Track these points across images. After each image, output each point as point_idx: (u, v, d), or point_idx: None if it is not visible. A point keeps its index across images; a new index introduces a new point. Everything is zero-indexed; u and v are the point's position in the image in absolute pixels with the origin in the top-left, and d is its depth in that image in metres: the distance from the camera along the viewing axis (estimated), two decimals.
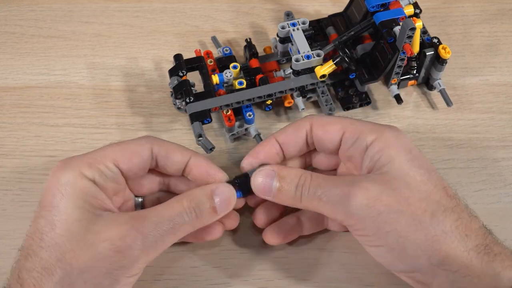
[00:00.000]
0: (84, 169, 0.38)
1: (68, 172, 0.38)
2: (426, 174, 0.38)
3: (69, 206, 0.37)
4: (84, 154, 0.40)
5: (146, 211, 0.38)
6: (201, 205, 0.39)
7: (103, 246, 0.36)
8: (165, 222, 0.37)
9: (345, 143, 0.41)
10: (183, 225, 0.38)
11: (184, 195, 0.39)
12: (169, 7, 0.61)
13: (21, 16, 0.60)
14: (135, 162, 0.40)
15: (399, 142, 0.40)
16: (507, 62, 0.56)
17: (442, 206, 0.37)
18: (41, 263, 0.36)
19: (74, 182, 0.38)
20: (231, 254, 0.45)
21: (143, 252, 0.37)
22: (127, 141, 0.41)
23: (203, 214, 0.39)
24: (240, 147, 0.51)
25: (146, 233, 0.37)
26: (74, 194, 0.37)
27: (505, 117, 0.53)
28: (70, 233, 0.36)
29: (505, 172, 0.49)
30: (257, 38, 0.58)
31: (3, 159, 0.51)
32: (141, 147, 0.41)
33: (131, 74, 0.56)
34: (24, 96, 0.55)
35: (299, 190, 0.39)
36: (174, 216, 0.38)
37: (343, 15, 0.55)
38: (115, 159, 0.39)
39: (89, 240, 0.36)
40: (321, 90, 0.50)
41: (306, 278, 0.45)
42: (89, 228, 0.36)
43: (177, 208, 0.38)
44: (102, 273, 0.36)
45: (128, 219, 0.37)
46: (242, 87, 0.50)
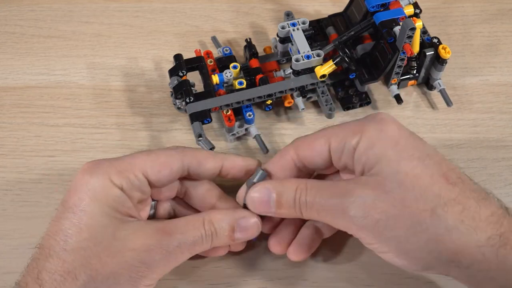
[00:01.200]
0: (114, 175, 0.38)
1: (97, 177, 0.38)
2: (419, 165, 0.36)
3: (97, 212, 0.37)
4: (114, 160, 0.40)
5: (171, 226, 0.39)
6: (220, 231, 0.40)
7: (129, 256, 0.36)
8: (188, 242, 0.38)
9: (334, 153, 0.40)
10: (201, 245, 0.39)
11: (207, 216, 0.40)
12: (169, 7, 0.61)
13: (21, 16, 0.60)
14: (164, 174, 0.40)
15: (383, 137, 0.37)
16: (507, 62, 0.56)
17: (442, 199, 0.35)
18: (64, 266, 0.36)
19: (103, 187, 0.38)
20: (231, 254, 0.45)
21: (164, 266, 0.38)
22: (158, 151, 0.41)
23: (219, 240, 0.40)
24: (240, 147, 0.51)
25: (170, 250, 0.38)
26: (103, 200, 0.37)
27: (505, 117, 0.53)
28: (97, 239, 0.36)
29: (505, 172, 0.49)
30: (257, 38, 0.58)
31: (3, 159, 0.51)
32: (172, 159, 0.40)
33: (131, 74, 0.56)
34: (24, 96, 0.55)
35: (297, 205, 0.39)
36: (196, 237, 0.39)
37: (343, 15, 0.55)
38: (144, 169, 0.39)
39: (116, 247, 0.36)
40: (321, 90, 0.50)
41: (306, 278, 0.44)
42: (115, 235, 0.37)
43: (199, 230, 0.39)
44: (125, 280, 0.36)
45: (154, 232, 0.38)
46: (242, 87, 0.50)
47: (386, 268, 0.45)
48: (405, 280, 0.44)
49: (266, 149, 0.50)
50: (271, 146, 0.51)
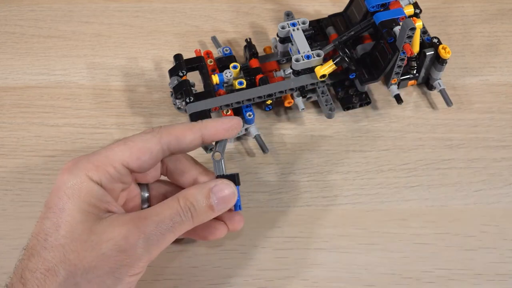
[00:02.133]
0: (91, 172, 0.38)
1: (74, 175, 0.38)
2: None
3: (74, 209, 0.37)
4: (92, 155, 0.39)
5: (146, 211, 0.39)
6: (197, 204, 0.39)
7: (106, 246, 0.36)
8: (165, 221, 0.38)
9: None
10: (182, 224, 0.39)
11: (181, 194, 0.39)
12: (169, 7, 0.61)
13: (21, 16, 0.60)
14: (145, 159, 0.40)
15: None
16: (507, 62, 0.56)
17: None
18: (44, 263, 0.36)
19: (80, 185, 0.38)
20: (231, 254, 0.45)
21: (145, 251, 0.37)
22: (134, 137, 0.40)
23: (200, 213, 0.39)
24: (240, 147, 0.51)
25: (148, 232, 0.37)
26: (80, 197, 0.37)
27: (505, 117, 0.53)
28: (74, 234, 0.37)
29: (505, 172, 0.49)
30: (257, 38, 0.58)
31: (3, 159, 0.51)
32: (149, 143, 0.40)
33: (131, 74, 0.56)
34: (24, 96, 0.55)
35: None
36: (173, 215, 0.38)
37: (343, 15, 0.55)
38: (123, 159, 0.39)
39: (93, 241, 0.36)
40: (321, 90, 0.50)
41: (306, 278, 0.45)
42: (92, 229, 0.37)
43: (175, 207, 0.39)
44: (105, 272, 0.36)
45: (130, 219, 0.38)
46: (242, 87, 0.50)
47: (386, 268, 0.45)
48: (405, 280, 0.44)
49: (266, 149, 0.50)
50: (271, 146, 0.51)
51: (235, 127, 0.42)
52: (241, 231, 0.46)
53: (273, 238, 0.46)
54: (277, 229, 0.47)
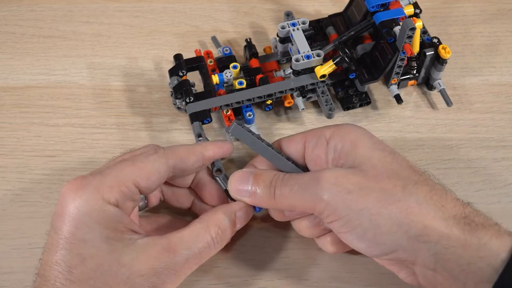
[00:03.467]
0: (106, 193, 0.37)
1: (89, 198, 0.36)
2: (390, 155, 0.38)
3: (97, 238, 0.36)
4: (100, 175, 0.38)
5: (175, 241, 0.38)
6: (226, 231, 0.40)
7: (139, 283, 0.36)
8: (195, 255, 0.38)
9: (308, 146, 0.42)
10: (209, 252, 0.39)
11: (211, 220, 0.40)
12: (169, 7, 0.61)
13: (21, 16, 0.60)
14: (153, 179, 0.40)
15: (359, 130, 0.40)
16: (507, 62, 0.56)
17: (412, 180, 0.37)
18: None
19: (98, 209, 0.36)
20: (231, 254, 0.45)
21: (173, 284, 0.38)
22: (141, 157, 0.40)
23: (226, 239, 0.41)
24: (240, 147, 0.51)
25: (179, 268, 0.38)
26: (101, 224, 0.36)
27: (505, 117, 0.53)
28: (103, 267, 0.36)
29: (505, 172, 0.49)
30: (257, 38, 0.58)
31: (3, 159, 0.51)
32: (158, 165, 0.40)
33: (131, 74, 0.56)
34: (24, 96, 0.55)
35: (273, 186, 0.40)
36: (203, 248, 0.39)
37: (343, 15, 0.55)
38: (134, 179, 0.38)
39: (124, 274, 0.36)
40: (321, 90, 0.50)
41: (306, 278, 0.45)
42: (121, 261, 0.36)
43: (206, 238, 0.39)
44: None
45: (159, 253, 0.37)
46: (242, 87, 0.50)
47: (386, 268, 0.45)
48: None
49: None
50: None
51: (230, 151, 0.45)
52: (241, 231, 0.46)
53: (273, 238, 0.46)
54: (277, 229, 0.47)
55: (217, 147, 0.44)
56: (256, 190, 0.40)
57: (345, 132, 0.40)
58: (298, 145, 0.42)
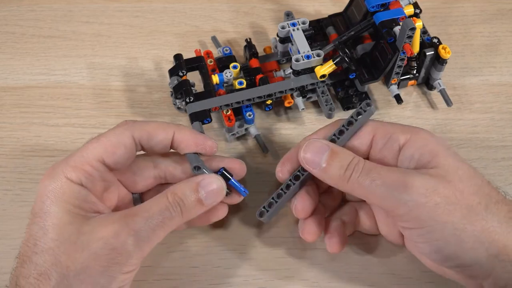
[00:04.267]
0: (70, 173, 0.38)
1: (54, 179, 0.38)
2: (472, 169, 0.38)
3: (59, 211, 0.37)
4: (68, 157, 0.39)
5: (135, 208, 0.39)
6: (185, 198, 0.39)
7: (97, 246, 0.36)
8: (155, 217, 0.38)
9: (376, 144, 0.41)
10: (171, 219, 0.39)
11: (170, 189, 0.39)
12: (169, 7, 0.61)
13: (21, 16, 0.60)
14: (119, 153, 0.40)
15: (436, 139, 0.39)
16: (507, 62, 0.56)
17: (493, 198, 0.37)
18: (36, 268, 0.36)
19: (61, 187, 0.38)
20: (231, 254, 0.45)
21: (136, 247, 0.37)
22: (106, 133, 0.40)
23: (189, 208, 0.39)
24: (240, 147, 0.51)
25: (138, 228, 0.37)
26: (63, 199, 0.37)
27: (505, 117, 0.53)
28: (63, 236, 0.36)
29: (505, 172, 0.49)
30: (257, 38, 0.58)
31: (3, 159, 0.51)
32: (122, 137, 0.40)
33: (131, 74, 0.56)
34: (24, 96, 0.55)
35: (350, 169, 0.38)
36: (163, 210, 0.38)
37: (343, 15, 0.55)
38: (98, 156, 0.39)
39: (82, 241, 0.36)
40: (321, 90, 0.50)
41: (306, 278, 0.45)
42: (81, 230, 0.37)
43: (164, 203, 0.39)
44: (98, 272, 0.36)
45: (119, 217, 0.38)
46: (242, 87, 0.50)
47: (386, 268, 0.45)
48: (405, 280, 0.44)
49: (266, 149, 0.50)
50: (271, 146, 0.51)
51: (207, 148, 0.42)
52: (241, 231, 0.47)
53: (273, 238, 0.46)
54: (277, 229, 0.47)
55: (194, 135, 0.42)
56: (329, 167, 0.39)
57: (424, 141, 0.39)
58: (365, 140, 0.41)
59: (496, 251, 0.36)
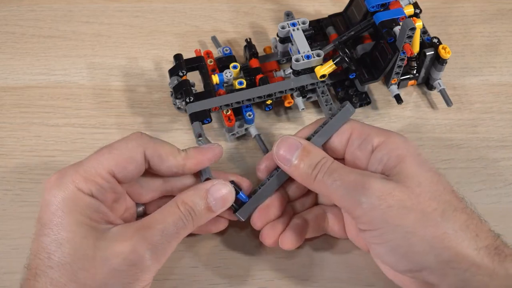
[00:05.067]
0: (81, 184, 0.37)
1: (64, 189, 0.37)
2: (436, 176, 0.39)
3: (72, 223, 0.36)
4: (77, 166, 0.39)
5: (148, 220, 0.38)
6: (195, 207, 0.39)
7: (116, 262, 0.36)
8: (169, 229, 0.38)
9: (352, 144, 0.42)
10: (185, 228, 0.39)
11: (179, 198, 0.39)
12: (169, 7, 0.61)
13: (21, 16, 0.60)
14: (130, 169, 0.40)
15: (407, 145, 0.40)
16: (507, 62, 0.56)
17: (452, 206, 0.37)
18: (52, 283, 0.35)
19: (73, 198, 0.37)
20: (231, 254, 0.45)
21: (154, 261, 0.37)
22: (119, 145, 0.40)
23: (199, 216, 0.40)
24: (240, 147, 0.51)
25: (155, 242, 0.37)
26: (76, 210, 0.37)
27: (505, 117, 0.53)
28: (79, 252, 0.36)
29: (505, 172, 0.49)
30: (257, 38, 0.58)
31: (3, 159, 0.51)
32: (134, 153, 0.40)
33: (131, 74, 0.56)
34: (24, 96, 0.55)
35: (317, 169, 0.39)
36: (176, 221, 0.38)
37: (343, 15, 0.55)
38: (110, 169, 0.39)
39: (101, 257, 0.36)
40: (321, 90, 0.50)
41: (306, 278, 0.45)
42: (97, 244, 0.36)
43: (177, 213, 0.39)
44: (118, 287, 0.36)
45: (134, 230, 0.37)
46: (242, 87, 0.50)
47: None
48: None
49: (266, 149, 0.50)
50: (271, 146, 0.51)
51: (217, 156, 0.43)
52: (241, 231, 0.46)
53: None
54: None
55: (202, 155, 0.42)
56: (299, 165, 0.40)
57: (394, 145, 0.40)
58: (343, 138, 0.42)
59: (448, 258, 0.36)
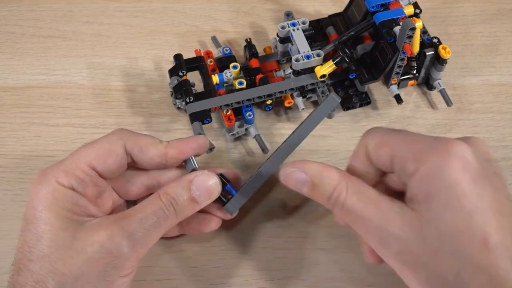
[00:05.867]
0: (61, 178, 0.38)
1: (45, 184, 0.38)
2: (465, 220, 0.32)
3: (52, 217, 0.37)
4: (59, 162, 0.39)
5: (128, 211, 0.38)
6: (178, 198, 0.39)
7: (92, 250, 0.36)
8: (149, 218, 0.38)
9: (396, 171, 0.37)
10: (166, 219, 0.38)
11: (162, 189, 0.39)
12: (169, 7, 0.61)
13: (21, 16, 0.60)
14: (110, 162, 0.40)
15: (442, 176, 0.33)
16: (507, 62, 0.56)
17: (472, 263, 0.32)
18: (33, 276, 0.36)
19: (52, 192, 0.37)
20: (231, 254, 0.45)
21: (132, 250, 0.37)
22: (100, 139, 0.40)
23: (182, 207, 0.39)
24: (240, 147, 0.51)
25: (132, 230, 0.37)
26: (55, 203, 0.37)
27: (505, 117, 0.53)
28: (57, 243, 0.36)
29: (505, 172, 0.49)
30: (257, 38, 0.58)
31: (3, 159, 0.51)
32: (114, 146, 0.40)
33: (131, 74, 0.56)
34: (24, 96, 0.55)
35: (332, 201, 0.37)
36: (156, 211, 0.38)
37: (343, 15, 0.55)
38: (89, 162, 0.39)
39: (77, 246, 0.36)
40: (321, 90, 0.50)
41: (306, 278, 0.45)
42: (75, 235, 0.36)
43: (157, 203, 0.38)
44: (96, 276, 0.36)
45: (113, 220, 0.37)
46: (242, 87, 0.50)
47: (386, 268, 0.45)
48: None
49: (266, 149, 0.50)
50: (271, 146, 0.51)
51: (202, 146, 0.42)
52: (240, 231, 0.46)
53: (273, 238, 0.46)
54: (277, 229, 0.47)
55: (185, 143, 0.42)
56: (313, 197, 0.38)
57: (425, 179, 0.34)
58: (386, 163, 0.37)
59: None
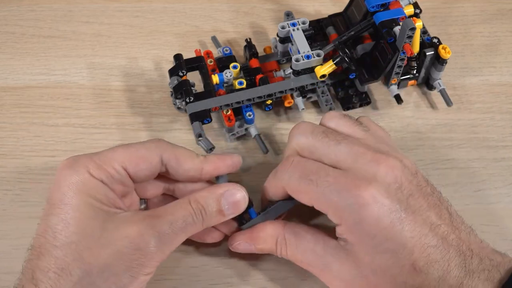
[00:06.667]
0: (93, 169, 0.38)
1: (76, 171, 0.37)
2: (392, 258, 0.36)
3: (81, 204, 0.36)
4: (93, 154, 0.39)
5: (159, 210, 0.39)
6: (207, 207, 0.39)
7: (122, 244, 0.36)
8: (178, 221, 0.38)
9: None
10: (193, 225, 0.39)
11: (192, 196, 0.40)
12: (169, 7, 0.61)
13: (21, 16, 0.60)
14: (143, 167, 0.40)
15: (363, 229, 0.37)
16: (507, 62, 0.56)
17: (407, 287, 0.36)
18: (57, 262, 0.35)
19: (83, 181, 0.37)
20: (231, 254, 0.45)
21: (159, 250, 0.37)
22: (137, 144, 0.41)
23: (210, 217, 0.40)
24: (240, 147, 0.51)
25: (162, 231, 0.37)
26: (85, 191, 0.37)
27: (505, 117, 0.53)
28: (86, 231, 0.36)
29: (505, 172, 0.49)
30: (257, 38, 0.58)
31: (3, 159, 0.51)
32: (150, 153, 0.40)
33: (131, 74, 0.56)
34: (24, 96, 0.55)
35: (280, 255, 0.42)
36: (186, 216, 0.38)
37: (343, 15, 0.55)
38: (123, 162, 0.39)
39: (106, 238, 0.36)
40: (321, 90, 0.50)
41: (306, 278, 0.44)
42: (104, 226, 0.36)
43: (188, 209, 0.39)
44: (122, 270, 0.36)
45: (143, 217, 0.37)
46: (242, 87, 0.50)
47: None
48: None
49: (266, 149, 0.50)
50: (271, 146, 0.51)
51: (236, 164, 0.43)
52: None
53: None
54: None
55: (221, 161, 0.43)
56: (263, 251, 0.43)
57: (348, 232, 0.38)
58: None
59: None
